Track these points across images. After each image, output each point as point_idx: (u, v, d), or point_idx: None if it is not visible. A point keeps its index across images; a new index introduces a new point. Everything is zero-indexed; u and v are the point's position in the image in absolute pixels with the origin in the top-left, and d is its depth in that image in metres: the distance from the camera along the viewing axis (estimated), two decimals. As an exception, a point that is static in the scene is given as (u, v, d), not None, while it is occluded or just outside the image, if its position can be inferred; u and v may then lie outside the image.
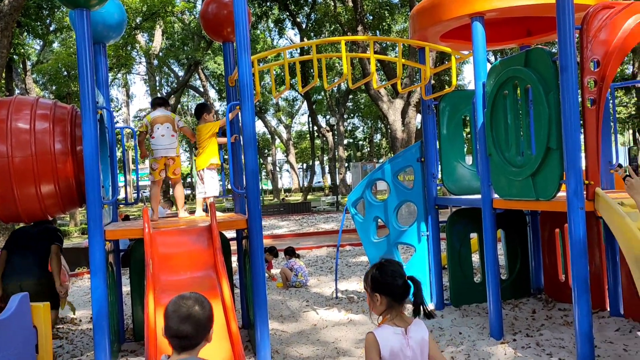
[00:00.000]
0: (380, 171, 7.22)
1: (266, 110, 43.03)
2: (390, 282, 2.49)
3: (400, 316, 2.50)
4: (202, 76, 33.74)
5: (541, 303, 6.93)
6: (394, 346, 2.40)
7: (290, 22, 27.05)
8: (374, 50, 17.30)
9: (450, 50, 6.28)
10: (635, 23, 4.51)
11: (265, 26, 31.78)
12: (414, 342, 2.45)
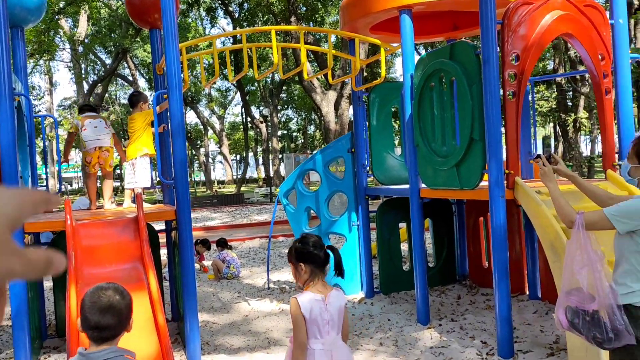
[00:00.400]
0: (312, 162, 7.25)
1: (198, 101, 42.25)
2: (312, 251, 2.77)
3: (321, 284, 2.79)
4: (131, 64, 32.73)
5: (466, 289, 7.19)
6: (314, 310, 2.69)
7: (223, 11, 26.63)
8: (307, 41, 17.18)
9: (380, 42, 6.37)
10: (552, 19, 4.72)
11: (197, 15, 31.16)
12: (332, 308, 2.74)
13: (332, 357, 2.73)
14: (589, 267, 2.67)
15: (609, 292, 2.61)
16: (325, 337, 2.73)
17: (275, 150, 36.31)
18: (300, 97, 40.71)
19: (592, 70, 5.03)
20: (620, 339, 2.58)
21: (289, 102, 46.66)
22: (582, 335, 2.74)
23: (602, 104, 5.10)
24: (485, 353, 4.80)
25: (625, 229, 2.63)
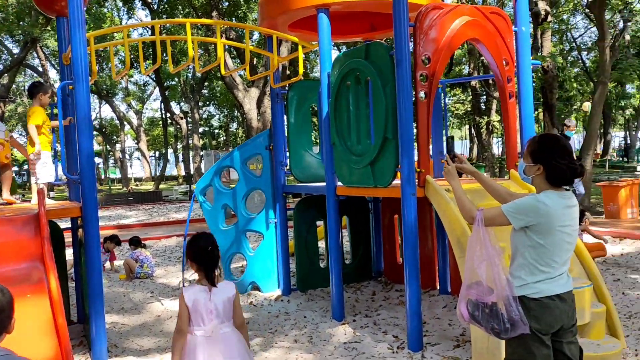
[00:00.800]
0: (229, 159, 7.17)
1: (114, 94, 40.74)
2: (198, 250, 3.13)
3: (205, 279, 3.13)
4: (41, 54, 31.05)
5: (381, 285, 7.34)
6: (198, 300, 3.06)
7: (140, 1, 25.80)
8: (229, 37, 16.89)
9: (298, 40, 6.39)
10: (461, 24, 4.91)
11: (114, 4, 30.01)
12: (216, 299, 3.09)
13: (213, 342, 3.07)
14: (487, 261, 2.79)
15: (506, 284, 2.74)
16: (208, 325, 3.08)
17: (196, 147, 35.60)
18: (223, 93, 40.11)
19: (497, 75, 5.27)
20: (515, 329, 2.71)
21: (210, 99, 45.86)
22: (481, 327, 2.86)
23: (506, 107, 5.35)
24: (396, 347, 4.92)
25: (519, 224, 2.77)
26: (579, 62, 36.92)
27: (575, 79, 34.78)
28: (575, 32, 37.38)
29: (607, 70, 14.76)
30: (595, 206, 15.28)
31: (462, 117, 43.82)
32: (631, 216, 12.27)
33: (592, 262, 4.70)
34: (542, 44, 16.90)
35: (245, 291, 7.07)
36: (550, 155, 2.78)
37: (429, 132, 5.01)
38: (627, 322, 5.19)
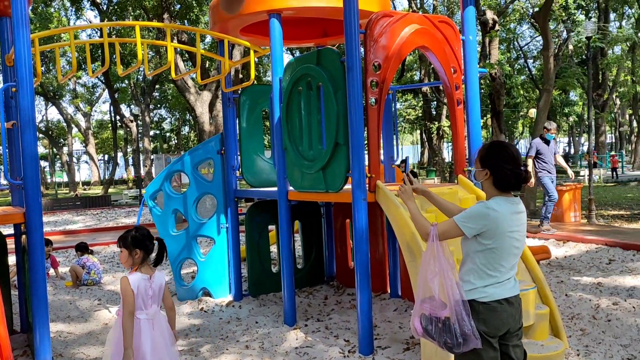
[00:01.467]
0: (180, 163, 7.06)
1: (61, 96, 39.58)
2: (147, 241, 3.52)
3: (147, 267, 3.51)
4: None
5: (333, 289, 7.38)
6: (141, 286, 3.41)
7: (89, 2, 25.18)
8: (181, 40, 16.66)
9: (249, 44, 6.37)
10: (411, 32, 4.99)
11: (61, 4, 29.19)
12: (155, 285, 3.50)
13: (153, 324, 3.47)
14: (441, 275, 2.84)
15: (460, 299, 2.79)
16: (149, 309, 3.46)
17: (146, 150, 34.97)
18: (174, 96, 39.54)
19: (445, 82, 5.39)
20: (468, 344, 2.76)
21: (162, 102, 45.14)
22: (434, 341, 2.90)
23: (454, 114, 5.48)
24: (347, 351, 4.95)
25: (472, 232, 2.83)
26: (526, 69, 38.13)
27: (521, 86, 35.89)
28: (521, 41, 38.61)
29: (551, 78, 15.30)
30: (540, 210, 15.77)
31: (414, 123, 44.56)
32: (574, 219, 12.73)
33: (536, 265, 4.85)
34: (490, 52, 17.36)
35: (196, 297, 6.98)
36: (497, 161, 2.87)
37: (379, 138, 5.07)
38: (570, 323, 5.38)
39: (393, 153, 6.90)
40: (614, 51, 38.83)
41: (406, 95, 39.34)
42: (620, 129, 51.43)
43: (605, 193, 21.10)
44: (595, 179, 28.18)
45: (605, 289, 6.55)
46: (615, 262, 8.01)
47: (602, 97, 36.21)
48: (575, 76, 22.74)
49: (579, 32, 18.92)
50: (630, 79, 39.19)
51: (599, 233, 10.39)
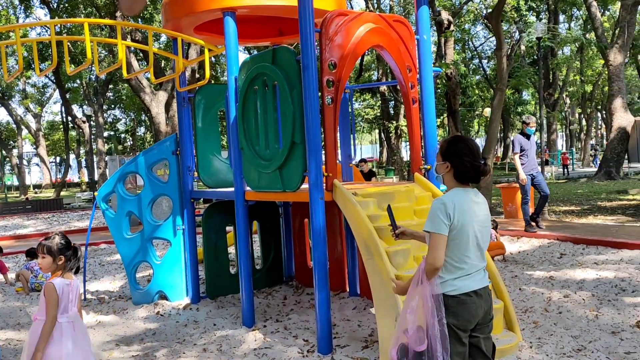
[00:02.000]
0: (134, 164, 6.91)
1: (10, 97, 38.28)
2: (69, 248, 3.62)
3: (67, 272, 3.64)
4: None
5: (292, 289, 7.35)
6: (64, 291, 3.56)
7: (39, 0, 24.44)
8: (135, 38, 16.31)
9: (204, 43, 6.28)
10: (366, 31, 5.02)
11: (9, 2, 28.25)
12: (74, 289, 3.68)
13: (74, 326, 3.63)
14: (422, 305, 2.85)
15: (439, 335, 2.78)
16: (70, 312, 3.61)
17: (100, 152, 34.15)
18: (129, 96, 38.78)
19: (400, 81, 5.43)
20: None
21: (116, 102, 44.20)
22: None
23: (409, 112, 5.53)
24: (306, 351, 4.93)
25: (447, 228, 2.84)
26: (480, 69, 38.96)
27: (476, 86, 36.66)
28: (476, 41, 39.43)
29: (504, 78, 15.62)
30: (495, 207, 16.12)
31: (372, 122, 44.98)
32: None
33: (490, 261, 4.93)
34: (446, 52, 17.66)
35: (152, 300, 6.84)
36: (457, 153, 2.93)
37: (336, 137, 5.08)
38: (523, 316, 5.49)
39: (350, 152, 6.92)
40: (564, 52, 40.05)
41: (364, 95, 39.64)
42: (571, 127, 53.08)
43: (556, 189, 21.72)
44: (548, 176, 28.98)
45: (557, 282, 6.73)
46: (566, 256, 8.24)
47: (553, 96, 37.31)
48: (527, 76, 23.34)
49: (530, 33, 19.41)
50: (579, 79, 40.52)
51: (551, 228, 10.67)
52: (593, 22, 25.90)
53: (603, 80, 38.44)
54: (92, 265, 9.80)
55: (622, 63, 24.70)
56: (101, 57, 31.04)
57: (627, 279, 6.56)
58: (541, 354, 4.46)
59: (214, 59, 28.80)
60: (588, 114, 48.95)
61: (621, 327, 4.95)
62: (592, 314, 5.38)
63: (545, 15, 31.06)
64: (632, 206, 14.73)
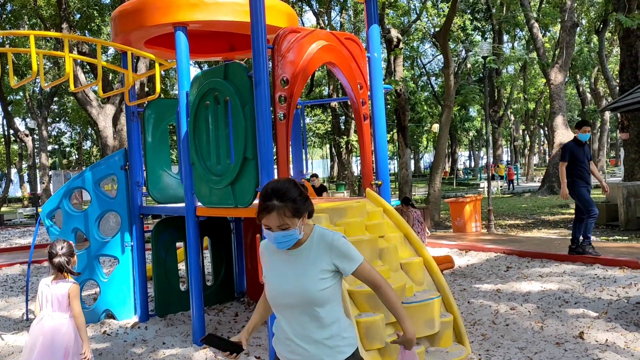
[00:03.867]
0: (80, 179, 6.73)
1: (-53, 109, 36.62)
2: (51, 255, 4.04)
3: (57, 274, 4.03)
4: None
5: (244, 306, 7.27)
6: (42, 289, 4.04)
7: (-20, 9, 23.63)
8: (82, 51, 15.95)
9: (154, 57, 6.20)
10: (318, 48, 5.07)
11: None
12: (55, 291, 3.99)
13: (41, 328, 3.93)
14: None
15: None
16: (44, 310, 3.99)
17: (44, 166, 33.03)
18: (75, 109, 37.77)
19: (352, 98, 5.50)
20: None
21: (61, 115, 42.95)
22: None
23: (360, 129, 5.60)
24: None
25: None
26: (429, 86, 39.86)
27: (425, 102, 37.49)
28: (424, 59, 40.36)
29: (451, 95, 16.05)
30: (444, 221, 16.45)
31: (323, 137, 45.25)
32: (475, 229, 13.37)
33: (440, 275, 5.03)
34: (395, 69, 17.99)
35: (99, 320, 6.64)
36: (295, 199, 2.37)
37: (288, 152, 5.09)
38: (472, 329, 5.61)
39: (302, 167, 6.95)
40: (508, 70, 41.46)
41: (315, 110, 39.87)
42: (515, 143, 54.83)
43: (502, 204, 22.35)
44: (494, 190, 29.77)
45: (504, 295, 6.91)
46: (512, 269, 8.48)
47: (498, 113, 38.51)
48: (473, 93, 24.04)
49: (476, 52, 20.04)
50: (523, 97, 41.99)
51: (497, 242, 10.97)
52: (535, 42, 26.97)
53: (545, 98, 40.01)
54: (34, 284, 9.41)
55: (563, 82, 25.76)
56: (46, 68, 30.18)
57: (570, 291, 6.80)
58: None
59: (164, 73, 28.48)
60: (531, 130, 50.73)
61: (565, 338, 5.11)
62: (538, 325, 5.55)
63: (490, 35, 32.13)
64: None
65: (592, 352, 4.69)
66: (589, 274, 7.66)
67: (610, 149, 53.63)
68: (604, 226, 13.39)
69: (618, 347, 4.77)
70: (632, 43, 15.84)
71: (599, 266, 8.09)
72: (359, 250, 2.95)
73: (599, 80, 40.05)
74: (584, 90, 42.56)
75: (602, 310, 5.87)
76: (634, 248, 9.18)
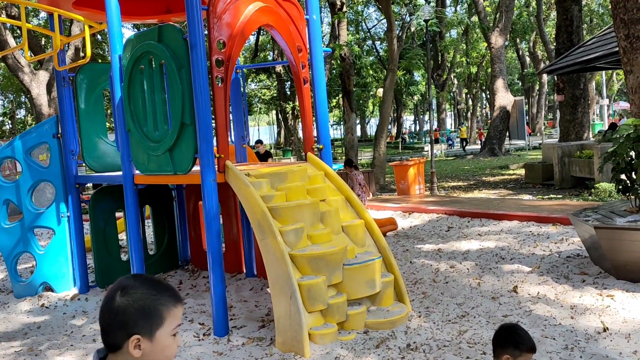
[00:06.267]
0: (10, 148, 6.43)
1: None
2: None
3: None
4: None
5: (188, 273, 7.22)
6: None
7: None
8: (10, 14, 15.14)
9: (83, 19, 5.92)
10: (255, 10, 4.95)
11: None
12: None
13: None
14: None
15: None
16: None
17: (-25, 136, 31.45)
18: (6, 77, 35.92)
19: (291, 61, 5.43)
20: None
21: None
22: None
23: (300, 92, 5.55)
24: (202, 334, 4.87)
25: None
26: (374, 51, 39.87)
27: (370, 67, 37.53)
28: (369, 23, 40.25)
29: (395, 59, 16.11)
30: (389, 184, 16.71)
31: (269, 103, 44.79)
32: (419, 192, 13.64)
33: (381, 236, 5.11)
34: (339, 33, 17.85)
35: (36, 293, 6.45)
36: None
37: (227, 117, 5.00)
38: (413, 288, 5.75)
39: (244, 133, 6.86)
40: (451, 34, 41.91)
41: (260, 75, 39.33)
42: (458, 107, 55.83)
43: (445, 166, 22.85)
44: (437, 153, 30.37)
45: (444, 254, 7.11)
46: (453, 229, 8.72)
47: (442, 77, 39.04)
48: (417, 57, 24.22)
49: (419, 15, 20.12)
50: (465, 61, 42.62)
51: (439, 203, 11.23)
52: (476, 6, 27.28)
53: (486, 62, 40.72)
54: (-33, 259, 9.06)
55: (503, 46, 26.27)
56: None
57: (507, 248, 7.06)
58: (429, 322, 4.70)
59: (101, 37, 27.34)
60: (474, 94, 51.72)
61: (500, 293, 5.32)
62: (475, 282, 5.74)
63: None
64: (512, 180, 15.82)
65: (524, 305, 4.90)
66: (525, 232, 7.96)
67: (548, 111, 55.39)
68: (540, 185, 13.91)
69: (549, 299, 5.00)
70: (568, 7, 16.23)
71: (534, 223, 8.41)
72: (300, 214, 2.95)
73: (537, 43, 41.07)
74: (523, 54, 43.58)
75: (535, 265, 6.13)
76: (567, 205, 9.58)
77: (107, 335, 1.45)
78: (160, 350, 1.46)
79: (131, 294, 1.45)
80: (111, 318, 1.44)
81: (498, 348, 2.54)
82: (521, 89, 48.84)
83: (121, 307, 1.43)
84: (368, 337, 4.41)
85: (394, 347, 4.19)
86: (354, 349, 4.21)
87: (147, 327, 1.43)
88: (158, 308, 1.45)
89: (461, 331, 4.42)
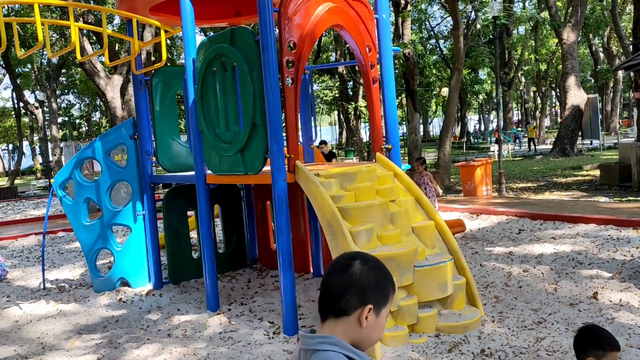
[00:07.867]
0: (90, 149, 6.72)
1: (-44, 82, 36.69)
2: None
3: None
4: None
5: (256, 272, 7.33)
6: None
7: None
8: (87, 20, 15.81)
9: (159, 24, 6.11)
10: (325, 10, 4.97)
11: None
12: None
13: None
14: None
15: None
16: None
17: (55, 138, 33.14)
18: (83, 81, 37.67)
19: (360, 61, 5.41)
20: None
21: (69, 87, 42.88)
22: None
23: (370, 92, 5.52)
24: (272, 333, 4.94)
25: None
26: (437, 49, 39.27)
27: (434, 66, 36.98)
28: (432, 22, 39.68)
29: (461, 57, 15.79)
30: (455, 185, 16.39)
31: (331, 103, 44.91)
32: (486, 193, 13.31)
33: (452, 238, 5.02)
34: (403, 32, 17.66)
35: (114, 288, 6.72)
36: None
37: (297, 118, 5.04)
38: (485, 292, 5.61)
39: (312, 133, 6.89)
40: (519, 31, 40.68)
41: (323, 76, 39.49)
42: (526, 105, 54.17)
43: (513, 167, 22.20)
44: (505, 153, 29.56)
45: (516, 257, 6.90)
46: (524, 232, 8.45)
47: (509, 75, 37.97)
48: (483, 55, 23.67)
49: (486, 12, 19.65)
50: (534, 58, 41.31)
51: (508, 205, 10.92)
52: (547, 1, 26.35)
53: (557, 59, 39.31)
54: (50, 253, 9.55)
55: (575, 41, 25.26)
56: (52, 40, 30.01)
57: (584, 252, 6.77)
58: (503, 327, 4.57)
59: (170, 42, 28.22)
60: (543, 92, 50.04)
61: (579, 299, 5.11)
62: (551, 287, 5.54)
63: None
64: (586, 181, 15.18)
65: (606, 312, 4.68)
66: (603, 235, 7.62)
67: (623, 110, 52.89)
68: (617, 187, 13.28)
69: (632, 307, 4.76)
70: (647, -1, 15.42)
71: (613, 227, 8.04)
72: (370, 214, 2.91)
73: (611, 39, 39.22)
74: (596, 50, 41.73)
75: (616, 271, 5.85)
76: (647, 208, 9.11)
77: (339, 299, 1.45)
78: (379, 327, 1.49)
79: (371, 266, 1.48)
80: (350, 282, 1.45)
81: (581, 352, 2.45)
82: (594, 86, 46.85)
83: (362, 275, 1.45)
84: (440, 340, 4.33)
85: (467, 352, 4.10)
86: (425, 352, 4.15)
87: (379, 301, 1.46)
88: (388, 288, 1.49)
89: (538, 338, 4.27)
